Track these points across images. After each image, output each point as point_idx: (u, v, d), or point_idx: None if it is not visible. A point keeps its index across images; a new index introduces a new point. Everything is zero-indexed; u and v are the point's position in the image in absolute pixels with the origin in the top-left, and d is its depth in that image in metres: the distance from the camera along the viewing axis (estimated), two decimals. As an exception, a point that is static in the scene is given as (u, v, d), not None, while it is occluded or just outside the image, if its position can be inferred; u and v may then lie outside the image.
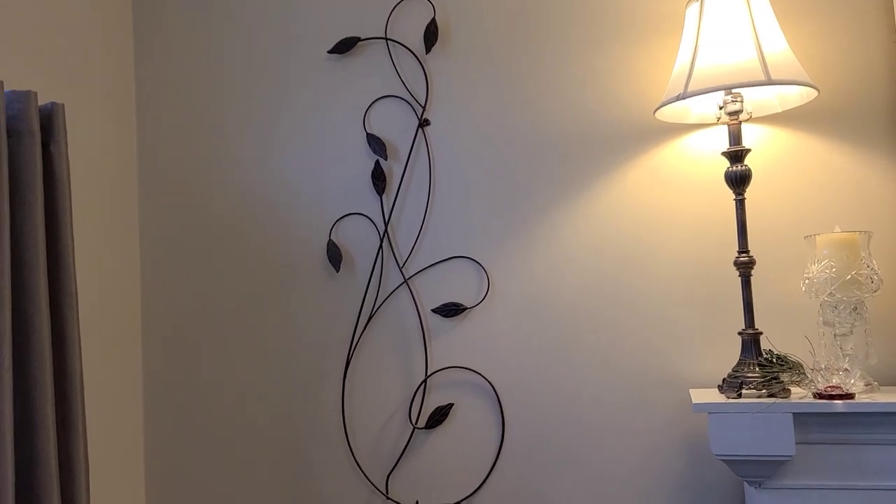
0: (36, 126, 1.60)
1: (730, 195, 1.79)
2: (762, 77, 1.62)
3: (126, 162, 2.35)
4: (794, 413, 1.57)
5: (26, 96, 1.59)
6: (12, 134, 1.56)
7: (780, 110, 1.84)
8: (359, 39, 2.20)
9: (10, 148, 1.56)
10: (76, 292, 1.69)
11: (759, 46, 1.65)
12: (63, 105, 1.70)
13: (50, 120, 1.66)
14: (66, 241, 1.68)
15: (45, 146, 1.65)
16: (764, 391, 1.65)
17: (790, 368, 1.65)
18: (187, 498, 2.28)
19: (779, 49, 1.68)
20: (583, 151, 2.04)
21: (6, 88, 1.56)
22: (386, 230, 2.16)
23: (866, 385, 1.62)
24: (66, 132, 1.69)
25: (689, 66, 1.70)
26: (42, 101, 1.65)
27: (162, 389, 2.32)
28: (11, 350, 1.51)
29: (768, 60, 1.64)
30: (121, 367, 2.26)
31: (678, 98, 1.69)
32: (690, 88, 1.67)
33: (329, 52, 2.21)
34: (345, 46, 2.20)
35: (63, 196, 1.68)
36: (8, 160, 1.54)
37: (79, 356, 1.69)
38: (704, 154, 1.95)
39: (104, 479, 2.11)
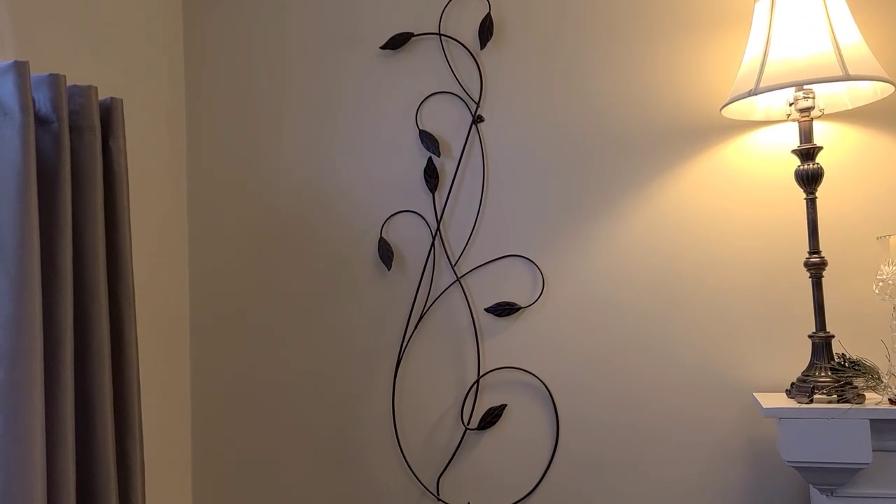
0: (97, 121, 1.60)
1: (797, 194, 1.74)
2: (839, 73, 1.56)
3: (176, 157, 2.33)
4: (870, 419, 1.52)
5: (87, 91, 1.58)
6: (74, 129, 1.55)
7: (850, 106, 1.77)
8: (412, 35, 2.17)
9: (72, 142, 1.55)
10: (133, 288, 1.68)
11: (835, 40, 1.59)
12: (121, 100, 1.69)
13: (109, 115, 1.66)
14: (123, 237, 1.67)
15: (105, 141, 1.64)
16: (835, 396, 1.60)
17: (865, 373, 1.60)
18: (236, 497, 2.26)
19: (853, 42, 1.62)
20: (641, 149, 2.00)
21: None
22: (438, 228, 2.13)
23: (945, 391, 1.56)
24: (124, 127, 1.68)
25: (760, 60, 1.65)
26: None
27: (210, 387, 2.31)
28: (73, 346, 1.50)
29: (845, 55, 1.58)
30: (169, 363, 2.25)
31: (749, 94, 1.64)
32: (763, 84, 1.61)
33: (382, 47, 2.18)
34: (398, 42, 2.17)
35: (121, 191, 1.67)
36: (70, 154, 1.53)
37: (135, 353, 1.67)
38: (770, 151, 1.89)
39: (152, 477, 2.10)
